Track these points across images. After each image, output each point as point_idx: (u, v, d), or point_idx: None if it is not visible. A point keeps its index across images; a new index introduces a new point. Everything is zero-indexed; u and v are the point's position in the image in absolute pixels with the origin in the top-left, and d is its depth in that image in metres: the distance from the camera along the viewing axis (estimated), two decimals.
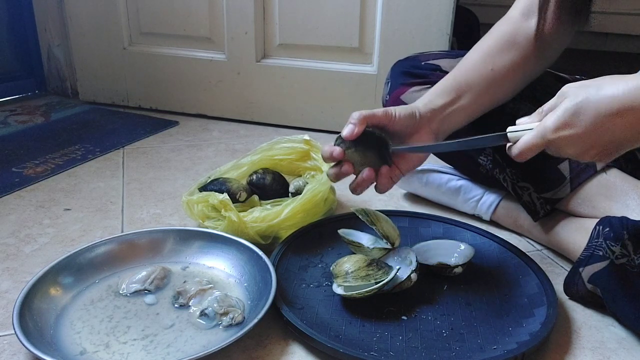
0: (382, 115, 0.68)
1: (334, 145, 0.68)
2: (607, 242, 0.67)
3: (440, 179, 0.96)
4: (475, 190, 0.93)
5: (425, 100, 0.74)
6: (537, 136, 0.58)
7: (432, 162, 1.00)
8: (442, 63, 0.90)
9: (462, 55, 0.93)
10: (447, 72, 0.91)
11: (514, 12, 0.79)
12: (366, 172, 0.68)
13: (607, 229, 0.68)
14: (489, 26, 0.83)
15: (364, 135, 0.67)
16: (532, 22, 0.75)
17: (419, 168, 0.98)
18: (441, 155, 0.99)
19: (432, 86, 0.86)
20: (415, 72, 0.91)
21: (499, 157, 0.85)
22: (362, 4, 1.31)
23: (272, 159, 0.97)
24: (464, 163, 0.94)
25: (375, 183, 0.70)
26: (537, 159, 0.80)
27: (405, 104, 0.91)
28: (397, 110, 0.69)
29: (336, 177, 0.69)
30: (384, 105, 0.95)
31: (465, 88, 0.74)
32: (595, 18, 0.74)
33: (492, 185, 0.91)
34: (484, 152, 0.87)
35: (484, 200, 0.91)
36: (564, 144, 0.57)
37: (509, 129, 0.62)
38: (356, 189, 0.70)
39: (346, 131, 0.67)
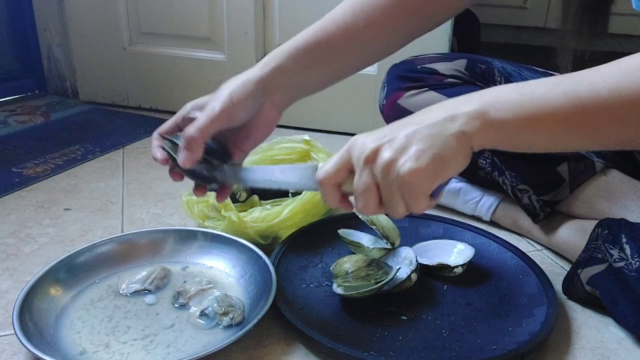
0: (222, 116, 0.58)
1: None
2: (606, 244, 0.67)
3: None
4: (475, 192, 0.93)
5: (272, 63, 0.62)
6: (342, 150, 0.51)
7: None
8: (439, 67, 0.90)
9: (459, 58, 0.92)
10: (444, 76, 0.90)
11: None
12: (196, 192, 0.64)
13: (606, 231, 0.68)
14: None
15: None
16: None
17: None
18: None
19: (429, 90, 0.84)
20: (411, 75, 0.90)
21: (498, 159, 0.85)
22: None
23: (272, 159, 0.97)
24: None
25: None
26: (536, 162, 0.81)
27: (403, 108, 0.90)
28: (234, 98, 0.59)
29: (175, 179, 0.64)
30: (382, 111, 0.95)
31: (325, 48, 0.63)
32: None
33: (492, 188, 0.91)
34: (482, 155, 0.87)
35: (483, 202, 0.91)
36: (362, 139, 0.50)
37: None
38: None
39: (181, 159, 0.58)
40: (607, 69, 0.46)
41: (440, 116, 0.49)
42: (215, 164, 0.63)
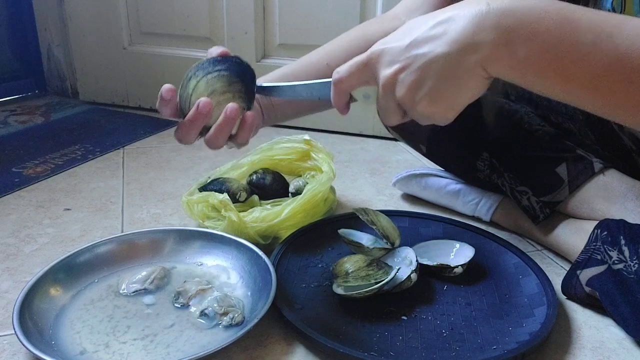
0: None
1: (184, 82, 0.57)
2: (605, 246, 0.67)
3: (439, 183, 0.96)
4: (474, 193, 0.93)
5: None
6: (361, 59, 0.52)
7: (431, 167, 1.00)
8: None
9: None
10: None
11: (394, 10, 0.77)
12: (231, 108, 0.55)
13: (605, 232, 0.68)
14: None
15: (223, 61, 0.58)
16: (404, 21, 0.73)
17: (417, 172, 0.99)
18: (438, 163, 0.99)
19: None
20: None
21: (497, 161, 0.85)
22: (362, 4, 1.31)
23: (272, 159, 0.97)
24: (462, 169, 0.94)
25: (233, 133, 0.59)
26: (534, 163, 0.81)
27: None
28: None
29: (189, 129, 0.56)
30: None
31: (289, 78, 0.69)
32: None
33: (491, 190, 0.91)
34: (481, 157, 0.87)
35: (483, 203, 0.91)
36: (385, 54, 0.50)
37: None
38: (216, 137, 0.57)
39: (217, 49, 0.59)
40: None
41: (463, 39, 0.45)
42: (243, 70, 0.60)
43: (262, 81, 0.68)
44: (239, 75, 0.58)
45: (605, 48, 0.43)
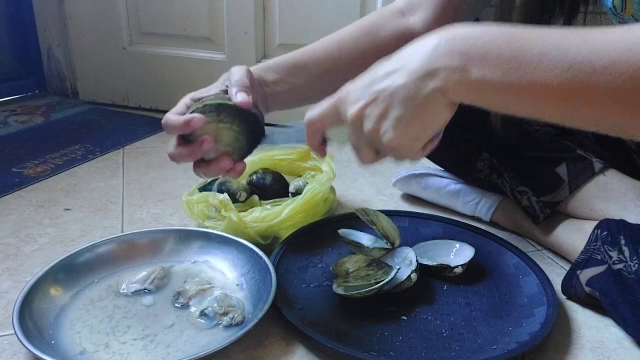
0: (248, 72, 0.63)
1: (193, 112, 0.58)
2: (605, 246, 0.67)
3: (439, 183, 0.96)
4: (474, 193, 0.93)
5: (255, 69, 0.69)
6: (331, 101, 0.54)
7: (431, 167, 1.00)
8: None
9: None
10: None
11: (397, 4, 0.78)
12: (224, 162, 0.60)
13: (605, 232, 0.67)
14: None
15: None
16: (409, 20, 0.74)
17: (417, 172, 0.99)
18: (439, 163, 0.99)
19: None
20: None
21: (496, 161, 0.85)
22: (362, 4, 1.31)
23: (272, 159, 0.97)
24: (462, 169, 0.94)
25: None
26: (534, 163, 0.81)
27: None
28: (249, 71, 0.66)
29: (184, 156, 0.59)
30: None
31: (300, 69, 0.71)
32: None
33: (491, 190, 0.91)
34: (481, 157, 0.87)
35: (483, 203, 0.91)
36: (351, 94, 0.52)
37: None
38: (203, 173, 0.61)
39: (240, 98, 0.59)
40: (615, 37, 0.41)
41: (419, 69, 0.47)
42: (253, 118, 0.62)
43: (271, 61, 0.70)
44: (248, 136, 0.61)
45: (554, 58, 0.43)
